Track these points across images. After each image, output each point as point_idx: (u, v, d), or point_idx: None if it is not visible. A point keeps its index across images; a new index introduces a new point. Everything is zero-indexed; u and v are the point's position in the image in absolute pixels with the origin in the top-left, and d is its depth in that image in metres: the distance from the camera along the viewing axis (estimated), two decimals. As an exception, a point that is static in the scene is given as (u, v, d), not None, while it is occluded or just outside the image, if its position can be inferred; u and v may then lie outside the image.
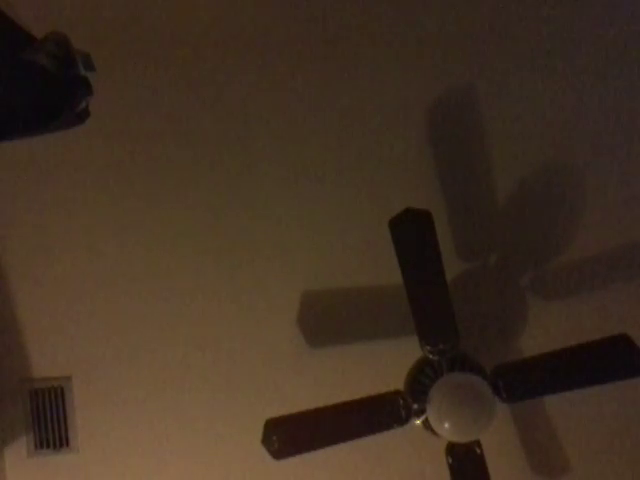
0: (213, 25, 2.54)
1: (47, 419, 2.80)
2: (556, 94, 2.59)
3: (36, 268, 2.71)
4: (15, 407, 2.80)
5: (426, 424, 2.44)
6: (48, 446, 2.82)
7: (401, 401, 2.42)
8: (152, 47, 2.54)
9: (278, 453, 2.44)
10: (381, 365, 2.76)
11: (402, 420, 2.42)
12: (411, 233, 2.30)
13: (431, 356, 2.41)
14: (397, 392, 2.45)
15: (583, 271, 2.72)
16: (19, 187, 2.65)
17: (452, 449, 2.49)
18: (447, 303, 2.35)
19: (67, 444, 2.82)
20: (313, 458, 2.46)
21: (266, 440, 2.43)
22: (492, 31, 2.55)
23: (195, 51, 2.55)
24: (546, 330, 2.75)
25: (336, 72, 2.58)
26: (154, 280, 2.73)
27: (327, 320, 2.78)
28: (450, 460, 2.51)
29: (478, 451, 2.49)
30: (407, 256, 2.30)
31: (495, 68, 2.57)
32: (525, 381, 2.42)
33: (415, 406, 2.42)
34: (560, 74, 2.57)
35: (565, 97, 2.59)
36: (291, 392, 2.79)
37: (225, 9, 2.53)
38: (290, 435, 2.45)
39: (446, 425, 2.34)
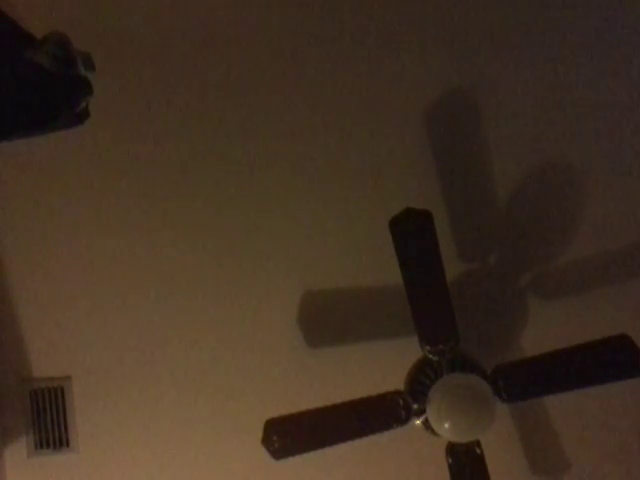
0: (214, 24, 2.54)
1: (47, 419, 2.80)
2: (556, 94, 2.59)
3: (36, 268, 2.71)
4: (15, 407, 2.80)
5: (426, 424, 2.44)
6: (48, 446, 2.82)
7: (401, 401, 2.42)
8: (152, 47, 2.54)
9: (278, 453, 2.44)
10: (381, 365, 2.75)
11: (402, 420, 2.42)
12: (411, 233, 2.30)
13: (431, 356, 2.41)
14: (397, 392, 2.45)
15: (583, 271, 2.72)
16: (19, 187, 2.64)
17: (452, 449, 2.49)
18: (447, 303, 2.35)
19: (67, 444, 2.82)
20: (313, 458, 2.46)
21: (266, 440, 2.43)
22: (492, 31, 2.55)
23: (196, 50, 2.55)
24: (546, 330, 2.75)
25: (336, 72, 2.58)
26: (154, 280, 2.73)
27: (327, 320, 2.78)
28: (450, 460, 2.51)
29: (478, 451, 2.49)
30: (407, 256, 2.30)
31: (495, 68, 2.57)
32: (525, 381, 2.43)
33: (415, 406, 2.42)
34: (560, 74, 2.57)
35: (565, 97, 2.59)
36: (291, 392, 2.79)
37: (226, 8, 2.53)
38: (290, 435, 2.45)
39: (446, 425, 2.34)
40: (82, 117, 1.63)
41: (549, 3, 2.53)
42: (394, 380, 2.54)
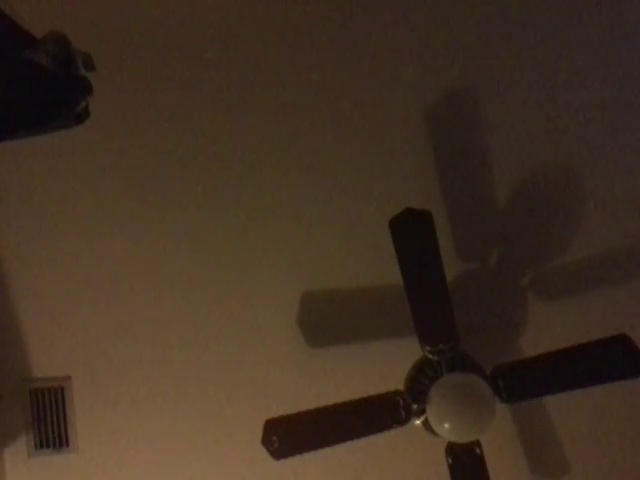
0: (213, 24, 2.54)
1: (47, 419, 2.80)
2: (556, 94, 2.59)
3: (36, 268, 2.71)
4: (15, 407, 2.80)
5: (426, 424, 2.44)
6: (48, 446, 2.82)
7: (401, 401, 2.42)
8: (152, 47, 2.53)
9: (278, 453, 2.44)
10: (381, 365, 2.75)
11: (402, 420, 2.42)
12: (411, 233, 2.30)
13: (431, 356, 2.41)
14: (397, 392, 2.45)
15: (583, 271, 2.72)
16: (19, 187, 2.64)
17: (452, 449, 2.49)
18: (447, 303, 2.35)
19: (67, 444, 2.82)
20: (313, 458, 2.46)
21: (266, 440, 2.43)
22: (492, 31, 2.55)
23: (195, 51, 2.55)
24: (546, 330, 2.75)
25: (336, 72, 2.58)
26: (154, 280, 2.73)
27: (327, 320, 2.78)
28: (450, 460, 2.51)
29: (478, 451, 2.49)
30: (407, 256, 2.30)
31: (495, 68, 2.57)
32: (525, 381, 2.43)
33: (415, 406, 2.42)
34: (560, 74, 2.57)
35: (565, 97, 2.59)
36: (291, 392, 2.79)
37: (226, 9, 2.53)
38: (290, 435, 2.45)
39: (446, 425, 2.34)
40: (82, 117, 1.63)
41: (549, 3, 2.53)
42: (394, 380, 2.54)
